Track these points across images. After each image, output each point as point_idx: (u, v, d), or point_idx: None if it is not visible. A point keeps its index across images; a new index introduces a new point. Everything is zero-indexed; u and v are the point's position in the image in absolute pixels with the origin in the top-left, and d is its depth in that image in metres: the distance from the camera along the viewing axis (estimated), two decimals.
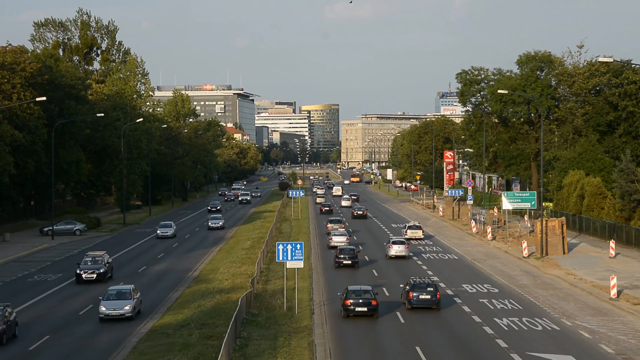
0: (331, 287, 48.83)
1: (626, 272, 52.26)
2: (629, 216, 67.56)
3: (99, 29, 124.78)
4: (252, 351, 32.73)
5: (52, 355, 34.05)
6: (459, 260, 61.99)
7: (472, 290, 47.66)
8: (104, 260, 53.44)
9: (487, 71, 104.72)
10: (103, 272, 52.11)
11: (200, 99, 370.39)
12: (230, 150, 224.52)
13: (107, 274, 52.86)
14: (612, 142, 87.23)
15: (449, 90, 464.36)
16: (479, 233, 79.38)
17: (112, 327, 39.27)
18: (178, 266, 59.85)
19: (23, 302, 45.45)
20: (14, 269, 59.32)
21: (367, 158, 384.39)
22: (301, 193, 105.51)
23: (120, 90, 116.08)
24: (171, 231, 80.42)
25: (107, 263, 53.46)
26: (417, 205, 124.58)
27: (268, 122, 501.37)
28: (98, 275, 51.77)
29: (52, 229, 79.41)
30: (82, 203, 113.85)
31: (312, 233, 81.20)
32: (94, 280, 51.32)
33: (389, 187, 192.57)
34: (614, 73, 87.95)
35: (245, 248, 67.21)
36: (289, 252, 40.83)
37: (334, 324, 38.09)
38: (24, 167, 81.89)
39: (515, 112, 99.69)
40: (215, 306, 41.80)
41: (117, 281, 50.39)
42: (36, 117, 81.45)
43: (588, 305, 42.76)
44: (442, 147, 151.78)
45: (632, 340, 34.93)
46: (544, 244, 61.25)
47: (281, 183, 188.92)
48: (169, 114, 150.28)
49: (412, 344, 33.49)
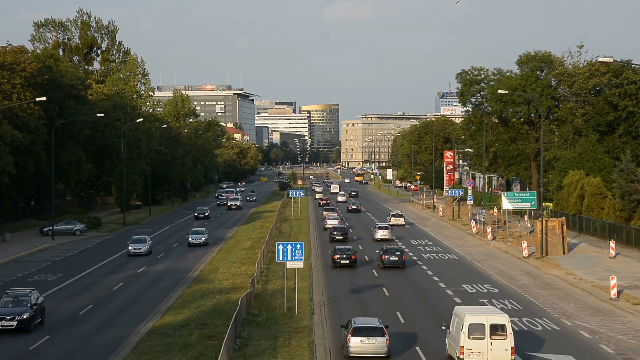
0: (331, 287, 48.84)
1: (626, 272, 52.27)
2: (629, 216, 67.55)
3: (99, 29, 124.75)
4: (252, 351, 32.73)
5: (52, 355, 34.04)
6: (459, 260, 61.99)
7: (472, 290, 47.66)
8: (31, 300, 38.45)
9: (487, 71, 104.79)
10: (27, 318, 37.45)
11: (200, 99, 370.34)
12: (230, 150, 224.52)
13: (35, 319, 38.29)
14: (612, 142, 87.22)
15: (449, 90, 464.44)
16: (479, 233, 79.37)
17: (112, 327, 39.29)
18: (178, 266, 59.85)
19: None
20: (14, 269, 59.33)
21: (367, 158, 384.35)
22: (301, 193, 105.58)
23: (120, 90, 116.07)
24: (145, 247, 66.01)
25: (35, 304, 38.60)
26: (417, 205, 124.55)
27: (268, 122, 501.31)
28: (19, 322, 37.24)
29: (52, 229, 79.40)
30: (82, 203, 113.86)
31: (312, 233, 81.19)
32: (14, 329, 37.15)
33: (389, 187, 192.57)
34: (614, 73, 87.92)
35: (245, 248, 67.22)
36: (289, 252, 40.82)
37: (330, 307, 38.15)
38: (24, 167, 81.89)
39: (515, 112, 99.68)
40: (215, 306, 41.80)
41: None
42: (36, 117, 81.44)
43: (588, 305, 42.76)
44: (442, 147, 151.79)
45: (632, 340, 34.93)
46: (544, 244, 61.24)
47: (281, 183, 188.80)
48: (169, 114, 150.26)
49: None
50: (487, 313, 30.93)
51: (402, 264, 56.05)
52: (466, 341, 29.60)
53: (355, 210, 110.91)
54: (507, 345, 29.47)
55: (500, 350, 29.45)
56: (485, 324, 29.88)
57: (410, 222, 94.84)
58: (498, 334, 29.61)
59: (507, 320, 30.04)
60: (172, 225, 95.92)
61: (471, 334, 29.65)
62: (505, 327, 29.82)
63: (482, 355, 29.64)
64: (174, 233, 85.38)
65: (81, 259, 65.58)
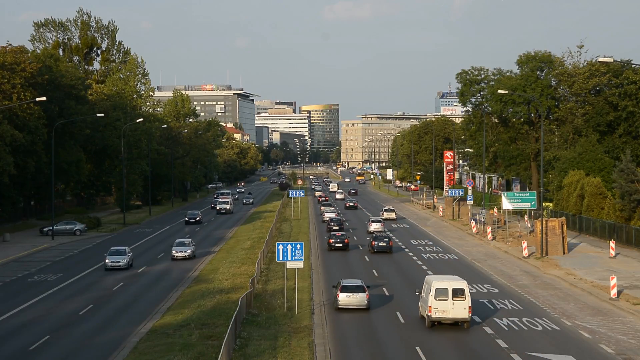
0: (331, 287, 48.83)
1: (626, 272, 52.25)
2: (629, 216, 67.55)
3: (99, 29, 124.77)
4: (252, 351, 32.73)
5: (52, 355, 34.03)
6: (459, 260, 61.98)
7: (472, 290, 47.59)
8: None
9: (487, 71, 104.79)
10: None
11: (200, 99, 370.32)
12: (230, 150, 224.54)
13: None
14: (612, 142, 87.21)
15: (449, 90, 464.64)
16: (479, 233, 79.36)
17: (112, 327, 39.30)
18: (178, 266, 59.84)
19: (23, 302, 45.47)
20: (14, 269, 59.33)
21: (367, 158, 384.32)
22: (301, 193, 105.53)
23: (121, 90, 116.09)
24: (124, 260, 58.30)
25: None
26: (417, 205, 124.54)
27: (268, 122, 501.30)
28: None
29: (52, 229, 79.41)
30: (82, 203, 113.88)
31: (312, 233, 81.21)
32: None
33: (389, 187, 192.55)
34: (614, 73, 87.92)
35: (245, 248, 67.21)
36: (289, 252, 40.81)
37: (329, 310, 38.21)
38: (24, 167, 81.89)
39: (515, 112, 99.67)
40: (215, 306, 41.80)
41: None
42: (36, 117, 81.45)
43: (588, 305, 42.75)
44: (442, 147, 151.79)
45: (632, 340, 34.92)
46: (544, 244, 61.24)
47: (281, 183, 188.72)
48: (169, 114, 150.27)
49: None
50: (450, 280, 37.42)
51: (389, 249, 64.82)
52: (433, 302, 36.32)
53: (352, 207, 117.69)
54: (465, 305, 36.33)
55: (460, 309, 36.25)
56: (448, 289, 36.47)
57: (410, 222, 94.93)
58: (458, 297, 36.26)
59: (465, 286, 36.74)
60: (171, 225, 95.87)
61: (437, 296, 36.38)
62: (464, 291, 36.41)
63: (446, 313, 36.27)
64: (174, 233, 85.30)
65: (81, 259, 65.59)
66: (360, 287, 41.05)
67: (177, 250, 63.42)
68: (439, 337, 35.41)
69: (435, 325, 36.81)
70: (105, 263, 57.93)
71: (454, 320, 36.58)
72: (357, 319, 39.03)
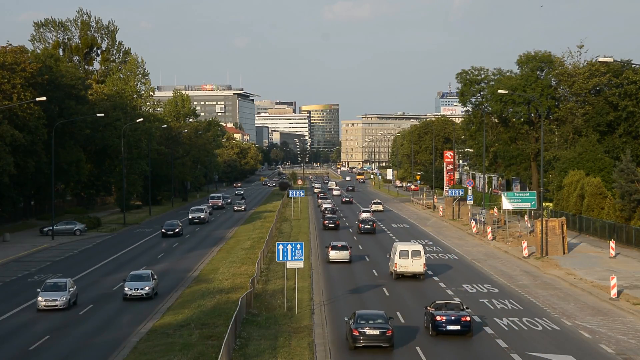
0: (331, 287, 48.86)
1: (626, 272, 52.25)
2: (629, 216, 67.53)
3: (99, 29, 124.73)
4: (252, 351, 32.72)
5: (52, 355, 34.03)
6: (459, 260, 61.96)
7: (472, 290, 47.64)
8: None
9: (487, 71, 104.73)
10: None
11: (200, 99, 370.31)
12: (230, 150, 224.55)
13: None
14: (612, 142, 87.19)
15: (449, 90, 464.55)
16: (479, 233, 79.35)
17: (112, 327, 39.30)
18: (178, 266, 59.83)
19: (23, 302, 45.43)
20: (14, 269, 59.33)
21: (367, 158, 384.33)
22: (301, 193, 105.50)
23: (121, 90, 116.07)
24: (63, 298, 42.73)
25: None
26: (417, 205, 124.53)
27: (268, 122, 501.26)
28: None
29: (52, 229, 79.40)
30: (82, 203, 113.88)
31: (312, 233, 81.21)
32: None
33: (389, 187, 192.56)
34: (614, 73, 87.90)
35: (245, 248, 67.20)
36: (289, 252, 40.80)
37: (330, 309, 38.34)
38: (24, 167, 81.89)
39: (515, 112, 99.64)
40: (215, 306, 41.79)
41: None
42: (36, 117, 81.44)
43: (588, 305, 42.74)
44: (442, 147, 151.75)
45: (632, 340, 34.92)
46: (544, 244, 61.23)
47: (281, 183, 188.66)
48: (169, 114, 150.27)
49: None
50: (410, 245, 52.87)
51: (373, 230, 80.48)
52: (398, 260, 50.60)
53: (348, 202, 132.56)
54: (421, 263, 50.69)
55: (417, 265, 50.68)
56: (409, 250, 50.91)
57: (410, 222, 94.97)
58: (416, 257, 50.61)
59: (421, 249, 51.61)
60: None
61: (401, 256, 50.62)
62: (420, 252, 50.92)
63: (407, 268, 50.63)
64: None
65: (81, 259, 65.58)
66: (345, 246, 59.55)
67: (130, 287, 45.82)
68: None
69: (399, 278, 50.91)
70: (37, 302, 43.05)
71: (413, 273, 50.84)
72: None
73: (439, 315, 35.04)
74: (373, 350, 32.69)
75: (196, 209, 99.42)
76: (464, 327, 34.80)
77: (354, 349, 32.65)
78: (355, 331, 32.43)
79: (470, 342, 34.77)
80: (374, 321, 32.81)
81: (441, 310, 35.47)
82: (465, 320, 34.98)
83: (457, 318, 34.92)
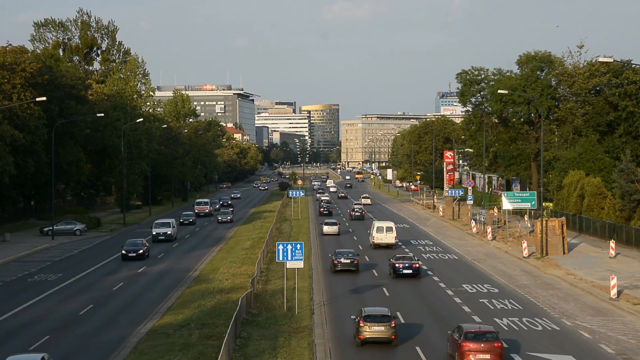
0: (331, 287, 48.86)
1: (626, 272, 52.25)
2: (629, 216, 67.55)
3: (99, 29, 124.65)
4: (252, 351, 32.73)
5: (52, 355, 33.91)
6: (459, 260, 61.98)
7: (472, 290, 47.65)
8: None
9: (487, 71, 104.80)
10: None
11: (200, 99, 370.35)
12: (230, 150, 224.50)
13: None
14: (612, 142, 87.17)
15: (449, 90, 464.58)
16: (479, 233, 79.35)
17: (112, 327, 39.30)
18: (178, 266, 59.83)
19: (23, 302, 45.45)
20: (14, 269, 59.32)
21: (367, 158, 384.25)
22: (301, 193, 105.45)
23: (121, 90, 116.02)
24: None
25: None
26: (417, 206, 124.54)
27: (268, 122, 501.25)
28: None
29: (52, 229, 79.39)
30: (82, 203, 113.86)
31: (312, 233, 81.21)
32: None
33: (389, 187, 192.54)
34: (614, 73, 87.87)
35: (245, 248, 67.18)
36: (289, 252, 40.79)
37: None
38: (24, 167, 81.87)
39: (515, 112, 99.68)
40: (215, 306, 41.78)
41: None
42: (36, 117, 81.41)
43: (588, 305, 42.75)
44: (442, 147, 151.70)
45: (632, 340, 34.92)
46: (544, 244, 61.23)
47: (281, 183, 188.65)
48: (169, 114, 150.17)
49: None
50: (385, 222, 69.95)
51: (362, 217, 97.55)
52: (374, 234, 67.24)
53: (344, 197, 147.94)
54: (392, 236, 66.89)
55: (390, 237, 66.66)
56: (383, 227, 67.48)
57: (410, 222, 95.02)
58: (389, 231, 66.83)
59: (393, 225, 68.54)
60: None
61: (377, 231, 67.15)
62: (392, 228, 67.39)
63: (382, 239, 66.63)
64: None
65: (81, 259, 65.57)
66: (335, 222, 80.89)
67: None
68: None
69: (376, 247, 66.95)
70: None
71: (387, 244, 66.70)
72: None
73: (398, 263, 51.71)
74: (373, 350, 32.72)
75: (161, 223, 78.19)
76: (414, 271, 51.41)
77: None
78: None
79: None
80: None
81: (399, 261, 51.82)
82: (415, 267, 51.65)
83: (410, 265, 51.62)
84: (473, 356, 29.76)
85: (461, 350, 29.89)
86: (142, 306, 44.23)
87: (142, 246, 63.76)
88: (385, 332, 33.01)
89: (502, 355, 30.31)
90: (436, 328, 37.53)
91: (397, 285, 49.29)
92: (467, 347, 29.86)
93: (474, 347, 29.85)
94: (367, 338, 33.01)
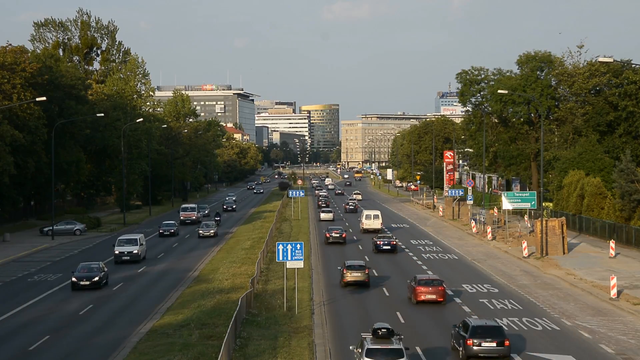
0: (331, 287, 48.88)
1: (626, 272, 52.25)
2: (629, 216, 67.54)
3: (99, 29, 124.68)
4: (252, 351, 32.73)
5: (52, 356, 34.03)
6: (459, 260, 61.97)
7: (472, 290, 47.66)
8: None
9: (487, 71, 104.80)
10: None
11: (200, 99, 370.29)
12: (230, 150, 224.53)
13: None
14: (612, 142, 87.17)
15: (449, 90, 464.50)
16: (479, 233, 79.35)
17: (112, 327, 39.31)
18: (178, 266, 59.84)
19: (23, 302, 45.46)
20: (14, 269, 59.33)
21: (367, 158, 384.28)
22: (301, 193, 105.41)
23: (121, 90, 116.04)
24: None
25: None
26: (417, 205, 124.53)
27: (268, 122, 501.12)
28: None
29: (52, 229, 79.39)
30: (82, 203, 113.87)
31: (312, 233, 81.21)
32: None
33: (389, 187, 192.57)
34: (614, 73, 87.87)
35: (245, 248, 67.20)
36: (289, 252, 40.81)
37: None
38: (24, 167, 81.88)
39: (515, 112, 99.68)
40: (215, 306, 41.78)
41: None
42: (36, 117, 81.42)
43: (588, 305, 42.75)
44: (442, 147, 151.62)
45: (632, 340, 34.93)
46: (544, 244, 61.23)
47: (281, 183, 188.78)
48: (169, 114, 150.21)
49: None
50: (372, 210, 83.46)
51: (355, 210, 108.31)
52: (364, 221, 79.50)
53: (341, 194, 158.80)
54: (379, 222, 79.13)
55: (377, 224, 78.61)
56: (371, 214, 79.83)
57: (410, 222, 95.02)
58: (376, 218, 78.97)
59: (379, 213, 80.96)
60: None
61: (366, 218, 79.65)
62: (379, 215, 79.92)
63: (370, 225, 78.67)
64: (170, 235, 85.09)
65: (81, 259, 65.42)
66: (330, 210, 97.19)
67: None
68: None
69: (366, 232, 78.27)
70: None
71: (374, 229, 77.23)
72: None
73: (379, 240, 64.44)
74: None
75: (125, 240, 64.24)
76: (392, 247, 63.67)
77: None
78: None
79: None
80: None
81: (380, 239, 64.66)
82: (393, 244, 64.24)
83: (388, 242, 64.36)
84: (423, 296, 42.04)
85: (415, 292, 42.25)
86: (142, 306, 44.23)
87: (98, 272, 50.71)
88: (361, 277, 47.18)
89: (445, 295, 42.58)
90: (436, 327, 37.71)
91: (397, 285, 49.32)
92: (419, 290, 42.13)
93: (424, 290, 42.17)
94: (349, 281, 47.18)
